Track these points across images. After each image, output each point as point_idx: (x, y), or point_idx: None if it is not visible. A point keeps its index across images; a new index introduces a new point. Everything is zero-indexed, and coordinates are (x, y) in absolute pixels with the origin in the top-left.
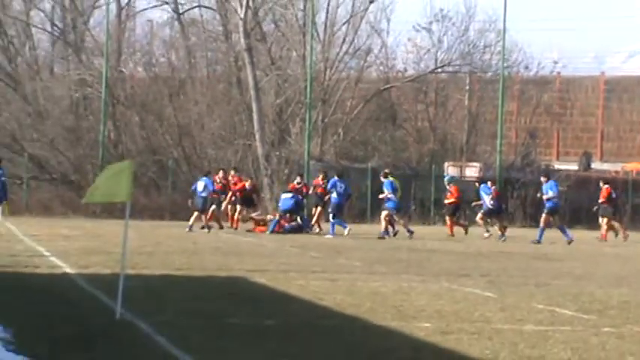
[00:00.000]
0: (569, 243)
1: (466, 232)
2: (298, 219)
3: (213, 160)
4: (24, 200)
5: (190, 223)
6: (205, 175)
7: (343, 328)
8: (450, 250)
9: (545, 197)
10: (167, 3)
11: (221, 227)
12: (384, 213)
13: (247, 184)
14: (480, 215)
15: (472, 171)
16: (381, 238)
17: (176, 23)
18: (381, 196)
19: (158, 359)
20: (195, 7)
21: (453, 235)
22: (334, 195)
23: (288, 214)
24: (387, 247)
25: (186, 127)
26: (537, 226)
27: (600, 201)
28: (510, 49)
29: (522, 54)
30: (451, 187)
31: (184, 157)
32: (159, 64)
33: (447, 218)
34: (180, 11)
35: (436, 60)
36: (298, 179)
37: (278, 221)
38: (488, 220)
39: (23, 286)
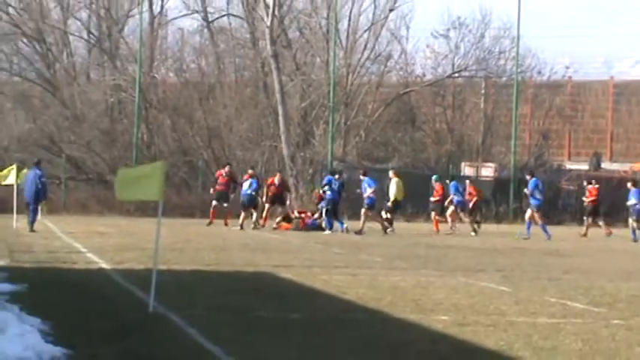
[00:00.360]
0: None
1: (477, 228)
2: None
3: (241, 161)
4: (62, 199)
5: (240, 221)
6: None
7: (365, 321)
8: (466, 246)
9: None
10: (197, 12)
11: (210, 223)
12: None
13: (276, 180)
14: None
15: (487, 171)
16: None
17: (205, 31)
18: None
19: (189, 351)
20: (223, 15)
21: (437, 231)
22: (328, 192)
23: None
24: (407, 244)
25: (216, 129)
26: (550, 222)
27: (588, 200)
28: (524, 55)
29: (535, 59)
30: (436, 186)
31: (214, 158)
32: (189, 70)
33: (433, 215)
34: (210, 20)
35: (453, 65)
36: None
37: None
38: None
39: (61, 281)
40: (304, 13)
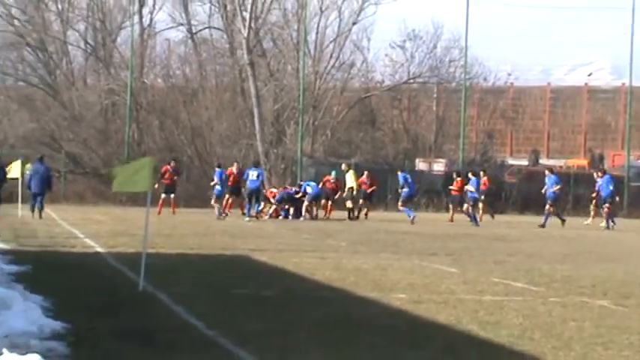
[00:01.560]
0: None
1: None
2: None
3: (221, 157)
4: (62, 191)
5: (247, 211)
6: (255, 166)
7: (331, 298)
8: (421, 232)
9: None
10: (182, 25)
11: (159, 213)
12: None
13: (234, 169)
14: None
15: (439, 166)
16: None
17: (190, 41)
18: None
19: (175, 325)
20: (205, 28)
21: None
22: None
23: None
24: (368, 230)
25: (198, 129)
26: (495, 212)
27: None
28: (471, 64)
29: (481, 67)
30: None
31: (197, 154)
32: (175, 76)
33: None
34: (193, 31)
35: (409, 72)
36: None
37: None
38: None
39: (61, 263)
40: (277, 25)
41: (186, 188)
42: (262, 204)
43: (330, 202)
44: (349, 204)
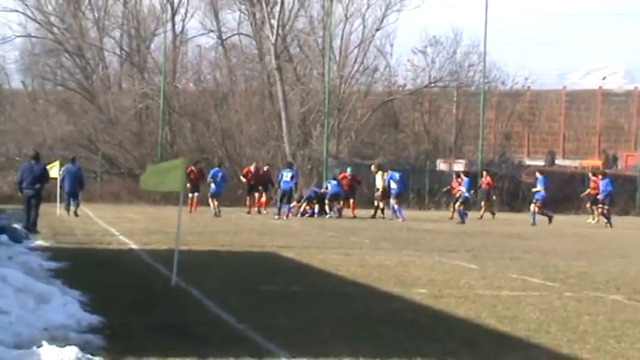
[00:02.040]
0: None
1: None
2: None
3: (250, 158)
4: (98, 190)
5: (278, 210)
6: (289, 167)
7: (355, 293)
8: (441, 230)
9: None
10: (212, 31)
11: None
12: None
13: (252, 168)
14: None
15: (459, 166)
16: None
17: (220, 47)
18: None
19: (206, 319)
20: (235, 34)
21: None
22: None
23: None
24: (390, 228)
25: (229, 131)
26: (512, 210)
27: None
28: (490, 68)
29: (499, 72)
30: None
31: (227, 155)
32: (206, 81)
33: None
34: (223, 38)
35: (430, 77)
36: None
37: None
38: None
39: (97, 260)
40: (304, 32)
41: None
42: (293, 203)
43: (352, 200)
44: (380, 204)
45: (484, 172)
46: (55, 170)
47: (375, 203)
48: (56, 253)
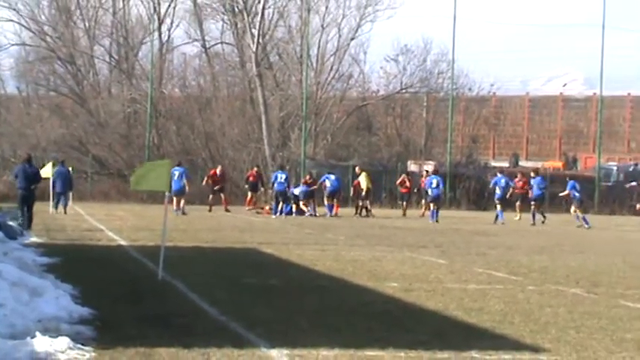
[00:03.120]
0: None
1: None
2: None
3: (232, 160)
4: (88, 190)
5: (279, 209)
6: (282, 169)
7: (331, 287)
8: (411, 227)
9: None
10: (197, 40)
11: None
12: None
13: (217, 171)
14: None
15: (429, 167)
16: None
17: (204, 55)
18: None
19: (191, 311)
20: (218, 43)
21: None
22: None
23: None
24: (364, 225)
25: (212, 134)
26: (476, 209)
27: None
28: (458, 75)
29: (467, 79)
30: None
31: (210, 156)
32: (190, 86)
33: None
34: (207, 46)
35: (401, 83)
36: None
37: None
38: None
39: (88, 255)
40: (283, 41)
41: (200, 188)
42: (293, 205)
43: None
44: (365, 203)
45: (518, 175)
46: (47, 170)
47: (361, 203)
48: (49, 249)
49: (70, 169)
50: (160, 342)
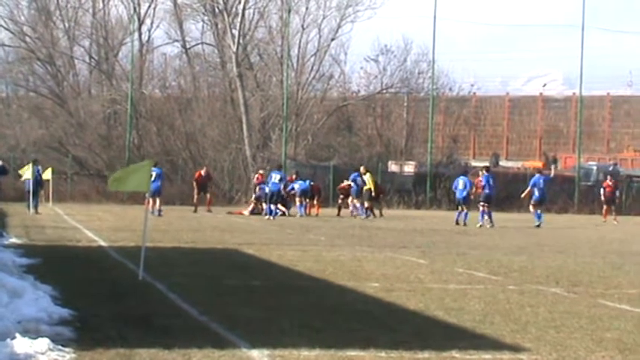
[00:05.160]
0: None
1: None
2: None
3: (212, 160)
4: (68, 191)
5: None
6: (277, 170)
7: (312, 287)
8: (392, 227)
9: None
10: (177, 41)
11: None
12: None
13: (202, 172)
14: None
15: (409, 167)
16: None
17: (184, 56)
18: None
19: (171, 311)
20: (198, 43)
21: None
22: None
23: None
24: (345, 226)
25: (192, 134)
26: (456, 209)
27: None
28: (438, 75)
29: (447, 79)
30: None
31: (190, 157)
32: (171, 87)
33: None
34: (187, 47)
35: (382, 83)
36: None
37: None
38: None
39: (68, 256)
40: (263, 41)
41: (181, 188)
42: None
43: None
44: (367, 204)
45: (608, 177)
46: (28, 172)
47: (366, 204)
48: (29, 250)
49: (40, 168)
50: (141, 343)
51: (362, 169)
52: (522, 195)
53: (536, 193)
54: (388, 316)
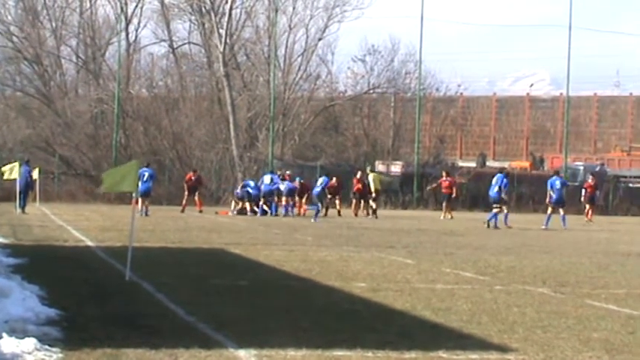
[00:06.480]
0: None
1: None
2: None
3: (199, 160)
4: (55, 190)
5: (260, 210)
6: (271, 171)
7: (298, 287)
8: (379, 227)
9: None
10: (164, 40)
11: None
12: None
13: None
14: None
15: (396, 167)
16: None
17: (171, 56)
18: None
19: (158, 311)
20: (185, 43)
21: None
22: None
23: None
24: (331, 226)
25: (179, 134)
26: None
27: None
28: (425, 76)
29: (434, 79)
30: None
31: (177, 157)
32: (158, 87)
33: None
34: (174, 47)
35: (369, 83)
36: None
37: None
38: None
39: (55, 256)
40: (250, 41)
41: (168, 188)
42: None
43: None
44: (372, 204)
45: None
46: (15, 171)
47: (370, 203)
48: (16, 250)
49: (30, 168)
50: (128, 343)
51: (368, 169)
52: (547, 200)
53: (553, 194)
54: (375, 316)
